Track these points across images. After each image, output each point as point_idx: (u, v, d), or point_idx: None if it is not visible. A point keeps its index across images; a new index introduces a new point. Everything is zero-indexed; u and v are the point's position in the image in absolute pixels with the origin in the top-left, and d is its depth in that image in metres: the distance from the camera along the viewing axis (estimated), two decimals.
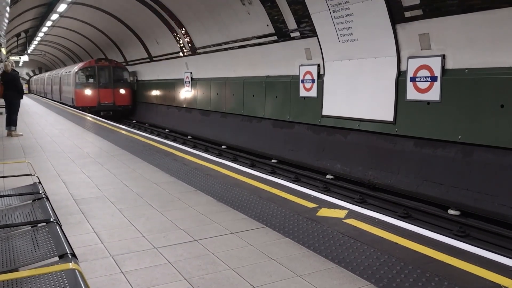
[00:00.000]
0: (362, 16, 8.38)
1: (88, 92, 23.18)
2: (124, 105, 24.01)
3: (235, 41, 13.52)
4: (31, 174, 4.64)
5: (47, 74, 45.75)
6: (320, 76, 10.20)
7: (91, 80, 23.63)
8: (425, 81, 7.66)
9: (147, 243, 3.73)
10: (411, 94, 7.93)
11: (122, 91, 23.84)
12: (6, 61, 11.98)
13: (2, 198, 3.76)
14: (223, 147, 14.42)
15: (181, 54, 18.03)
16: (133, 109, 24.77)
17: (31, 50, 44.16)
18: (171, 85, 19.71)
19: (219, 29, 13.97)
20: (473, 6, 6.60)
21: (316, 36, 9.79)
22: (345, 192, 8.72)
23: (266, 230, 4.01)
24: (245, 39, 12.92)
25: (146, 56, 22.46)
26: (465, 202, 7.03)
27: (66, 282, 2.11)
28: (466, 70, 7.07)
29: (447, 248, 3.49)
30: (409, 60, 7.91)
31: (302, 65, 10.78)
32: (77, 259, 2.47)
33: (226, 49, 14.24)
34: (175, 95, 19.26)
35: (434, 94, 7.53)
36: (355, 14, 8.50)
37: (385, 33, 8.10)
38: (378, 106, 8.62)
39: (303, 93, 10.83)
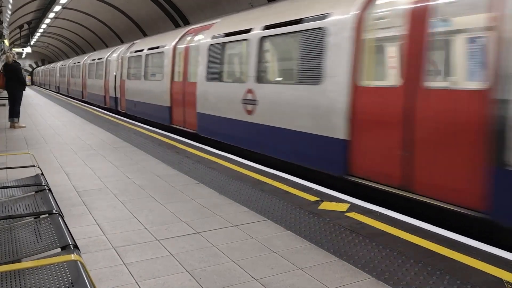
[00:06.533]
0: None
1: None
2: None
3: None
4: (33, 166, 4.64)
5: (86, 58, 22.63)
6: None
7: None
8: None
9: (149, 235, 3.74)
10: None
11: None
12: (8, 52, 11.96)
13: (5, 189, 3.78)
14: None
15: None
16: None
17: (34, 42, 44.14)
18: None
19: None
20: None
21: None
22: None
23: (268, 223, 4.02)
24: None
25: None
26: None
27: (68, 273, 2.12)
28: None
29: (449, 242, 3.48)
30: None
31: None
32: (79, 250, 2.47)
33: None
34: None
35: None
36: None
37: None
38: None
39: None
